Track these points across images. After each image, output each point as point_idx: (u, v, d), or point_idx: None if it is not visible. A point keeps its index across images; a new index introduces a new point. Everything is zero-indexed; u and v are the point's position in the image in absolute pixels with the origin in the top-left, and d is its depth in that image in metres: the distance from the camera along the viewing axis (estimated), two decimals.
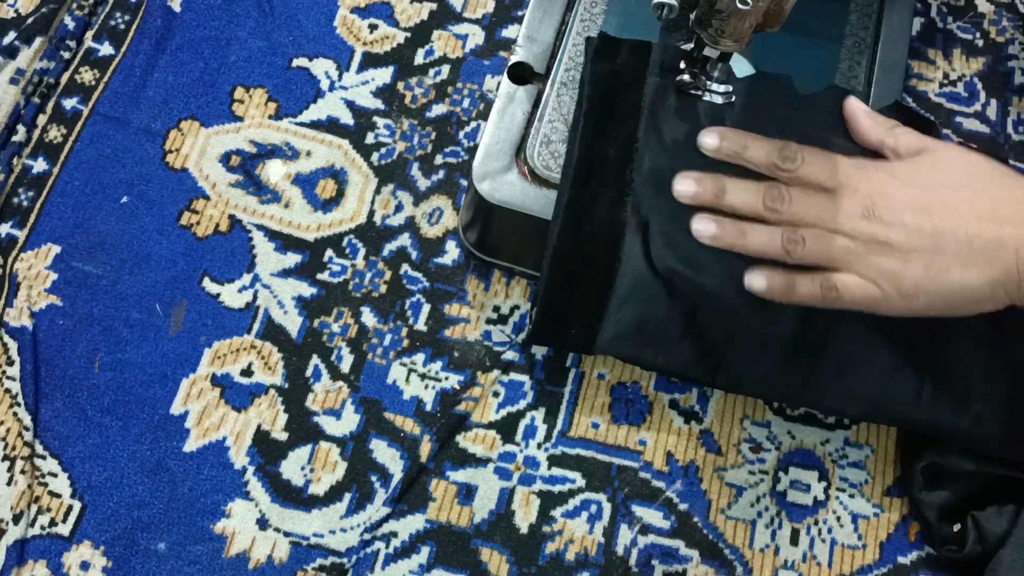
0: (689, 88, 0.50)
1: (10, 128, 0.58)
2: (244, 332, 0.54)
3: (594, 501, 0.51)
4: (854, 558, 0.51)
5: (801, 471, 0.52)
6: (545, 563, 0.50)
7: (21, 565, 0.49)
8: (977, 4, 0.64)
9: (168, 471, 0.51)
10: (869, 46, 0.56)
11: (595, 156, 0.50)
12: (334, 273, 0.56)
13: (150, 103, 0.59)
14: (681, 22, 0.51)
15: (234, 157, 0.58)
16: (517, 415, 0.53)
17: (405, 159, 0.58)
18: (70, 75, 0.60)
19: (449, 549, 0.50)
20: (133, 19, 0.62)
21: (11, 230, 0.56)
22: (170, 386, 0.53)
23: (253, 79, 0.60)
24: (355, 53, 0.61)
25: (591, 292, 0.49)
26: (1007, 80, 0.61)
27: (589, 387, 0.54)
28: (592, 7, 0.56)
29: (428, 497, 0.51)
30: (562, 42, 0.55)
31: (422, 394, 0.53)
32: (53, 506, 0.50)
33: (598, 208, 0.49)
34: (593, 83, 0.50)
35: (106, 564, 0.49)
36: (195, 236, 0.56)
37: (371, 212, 0.57)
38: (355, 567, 0.50)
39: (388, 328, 0.54)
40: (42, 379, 0.52)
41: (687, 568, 0.50)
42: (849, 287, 0.45)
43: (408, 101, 0.60)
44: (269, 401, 0.53)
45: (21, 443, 0.51)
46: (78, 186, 0.57)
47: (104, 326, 0.54)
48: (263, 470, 0.51)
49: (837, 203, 0.46)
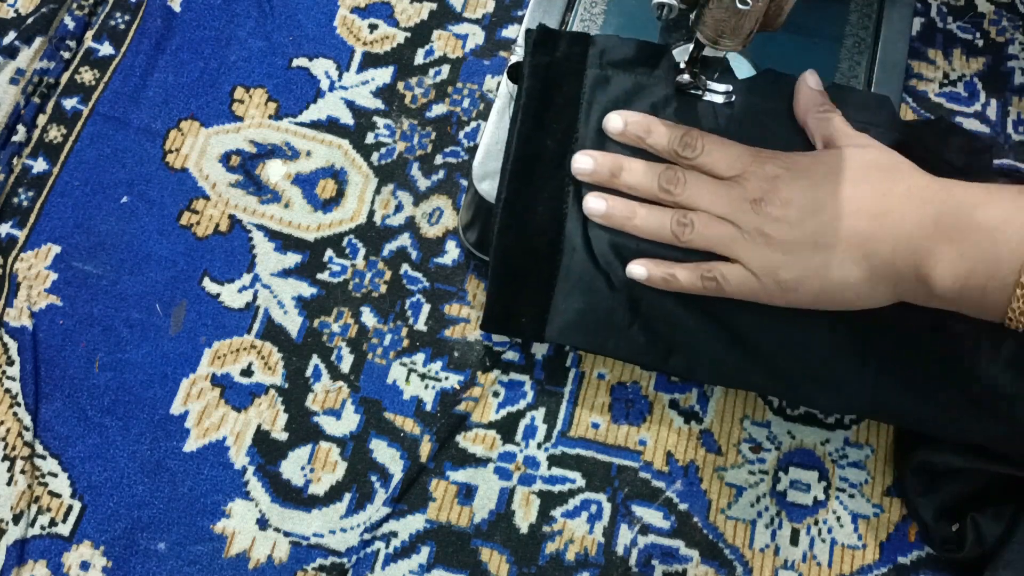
0: (689, 88, 0.50)
1: (10, 128, 0.58)
2: (244, 332, 0.54)
3: (594, 501, 0.51)
4: (854, 558, 0.51)
5: (801, 471, 0.52)
6: (545, 563, 0.50)
7: (21, 565, 0.49)
8: (977, 4, 0.64)
9: (168, 471, 0.51)
10: (869, 46, 0.56)
11: (535, 149, 0.50)
12: (334, 273, 0.56)
13: (150, 103, 0.59)
14: (681, 22, 0.51)
15: (234, 157, 0.58)
16: (517, 415, 0.53)
17: (405, 159, 0.58)
18: (70, 75, 0.60)
19: (449, 549, 0.50)
20: (133, 19, 0.62)
21: (11, 230, 0.56)
22: (170, 386, 0.53)
23: (253, 79, 0.60)
24: (355, 53, 0.61)
25: (537, 285, 0.50)
26: (1007, 80, 0.61)
27: (589, 387, 0.54)
28: (592, 7, 0.56)
29: (428, 497, 0.51)
30: None
31: (422, 394, 0.53)
32: (53, 506, 0.50)
33: (539, 201, 0.50)
34: (532, 75, 0.51)
35: (106, 564, 0.49)
36: (195, 236, 0.56)
37: (371, 212, 0.57)
38: (355, 567, 0.50)
39: (388, 328, 0.54)
40: (42, 379, 0.52)
41: (687, 568, 0.50)
42: (728, 278, 0.46)
43: (408, 101, 0.60)
44: (269, 401, 0.53)
45: (21, 443, 0.51)
46: (78, 186, 0.57)
47: (104, 326, 0.54)
48: (263, 470, 0.51)
49: (730, 192, 0.46)
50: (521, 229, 0.50)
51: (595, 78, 0.51)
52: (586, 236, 0.49)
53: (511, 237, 0.49)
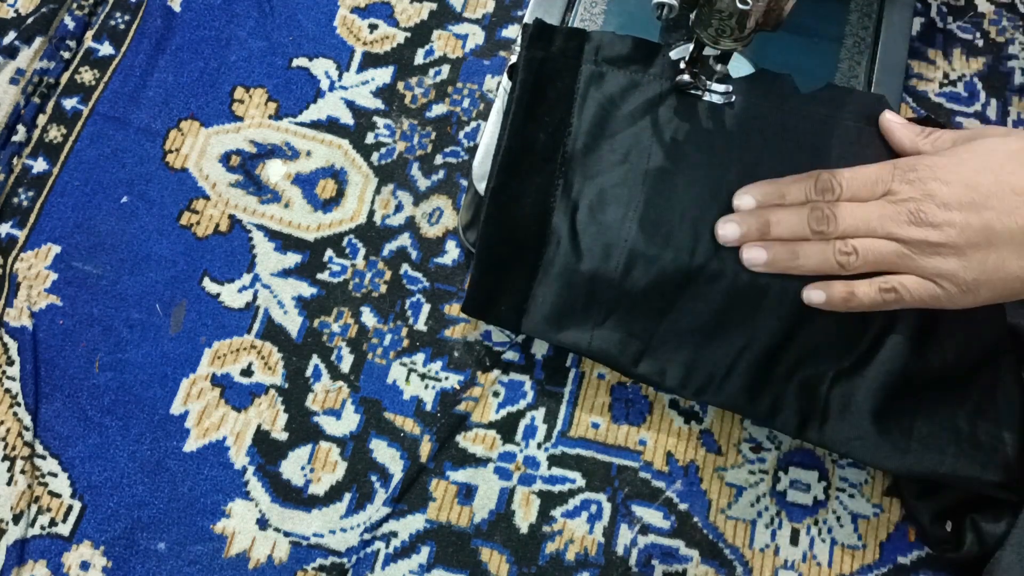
0: (689, 88, 0.50)
1: (10, 128, 0.58)
2: (244, 332, 0.54)
3: (594, 501, 0.51)
4: (854, 558, 0.51)
5: (801, 471, 0.52)
6: (545, 563, 0.50)
7: (21, 565, 0.49)
8: (977, 4, 0.64)
9: (168, 471, 0.51)
10: (869, 46, 0.56)
11: (525, 141, 0.50)
12: (334, 273, 0.56)
13: (150, 103, 0.59)
14: (681, 22, 0.51)
15: (234, 157, 0.58)
16: (517, 415, 0.53)
17: (405, 159, 0.58)
18: (70, 75, 0.60)
19: (449, 549, 0.50)
20: (133, 19, 0.62)
21: (11, 230, 0.56)
22: (170, 386, 0.53)
23: (253, 79, 0.60)
24: (355, 53, 0.61)
25: (519, 275, 0.50)
26: (1007, 80, 0.61)
27: (589, 387, 0.54)
28: (592, 7, 0.56)
29: (428, 497, 0.51)
30: None
31: (422, 394, 0.53)
32: (53, 506, 0.50)
33: (527, 192, 0.50)
34: (527, 69, 0.51)
35: (106, 564, 0.49)
36: (195, 236, 0.56)
37: (371, 212, 0.57)
38: (355, 567, 0.50)
39: (388, 328, 0.54)
40: (42, 379, 0.52)
41: (687, 568, 0.50)
42: (908, 287, 0.45)
43: (408, 101, 0.60)
44: (269, 401, 0.53)
45: (21, 443, 0.51)
46: (78, 186, 0.57)
47: (104, 326, 0.54)
48: (263, 470, 0.51)
49: (882, 211, 0.46)
50: (507, 219, 0.50)
51: (590, 74, 0.51)
52: (572, 230, 0.49)
53: (496, 226, 0.50)
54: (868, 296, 0.46)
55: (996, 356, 0.49)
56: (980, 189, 0.44)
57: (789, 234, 0.47)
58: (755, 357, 0.48)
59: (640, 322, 0.49)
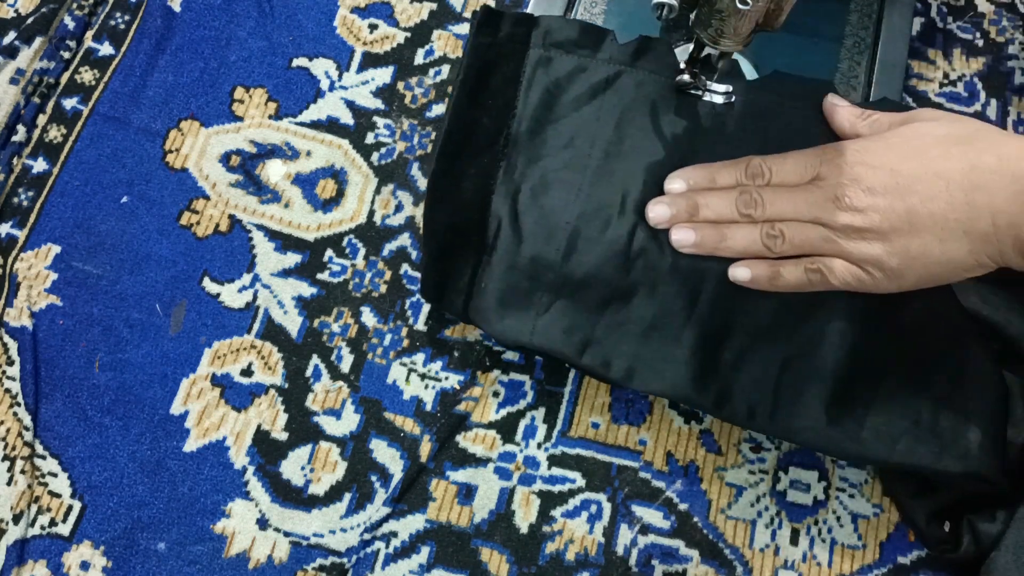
0: (689, 88, 0.50)
1: (10, 128, 0.58)
2: (244, 332, 0.54)
3: (594, 501, 0.51)
4: (854, 558, 0.51)
5: (801, 471, 0.52)
6: (545, 563, 0.50)
7: (21, 565, 0.49)
8: (977, 4, 0.64)
9: (168, 471, 0.51)
10: (869, 46, 0.56)
11: (468, 126, 0.50)
12: (334, 273, 0.56)
13: (150, 103, 0.59)
14: (681, 22, 0.51)
15: (234, 157, 0.58)
16: (517, 415, 0.53)
17: (405, 159, 0.58)
18: (70, 75, 0.60)
19: (449, 549, 0.50)
20: (133, 19, 0.62)
21: (11, 230, 0.56)
22: (170, 386, 0.53)
23: (253, 79, 0.60)
24: (355, 53, 0.61)
25: (464, 261, 0.50)
26: (1007, 80, 0.61)
27: (589, 387, 0.54)
28: (592, 7, 0.56)
29: (428, 497, 0.51)
30: None
31: (422, 394, 0.53)
32: (53, 506, 0.50)
33: (467, 177, 0.50)
34: (472, 55, 0.51)
35: (106, 564, 0.49)
36: (195, 236, 0.56)
37: (371, 212, 0.57)
38: (355, 567, 0.50)
39: (388, 328, 0.54)
40: (42, 379, 0.52)
41: (687, 568, 0.50)
42: (834, 270, 0.46)
43: (408, 101, 0.60)
44: (269, 401, 0.53)
45: (21, 443, 0.51)
46: (78, 186, 0.57)
47: (104, 326, 0.54)
48: (263, 470, 0.51)
49: (808, 196, 0.46)
50: (449, 203, 0.50)
51: (538, 58, 0.51)
52: (514, 212, 0.49)
53: (439, 211, 0.50)
54: (794, 275, 0.46)
55: (962, 343, 0.49)
56: (905, 174, 0.44)
57: (717, 216, 0.48)
58: (699, 346, 0.48)
59: (583, 312, 0.48)
